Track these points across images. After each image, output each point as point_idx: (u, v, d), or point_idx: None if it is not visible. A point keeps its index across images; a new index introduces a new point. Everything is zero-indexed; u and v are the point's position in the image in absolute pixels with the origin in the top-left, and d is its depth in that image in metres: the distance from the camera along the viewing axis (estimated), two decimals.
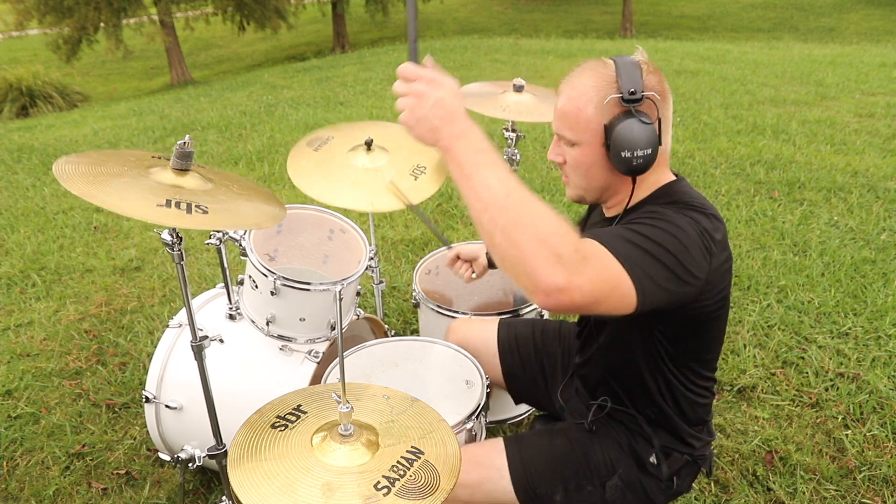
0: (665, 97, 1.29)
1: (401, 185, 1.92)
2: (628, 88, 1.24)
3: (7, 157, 6.24)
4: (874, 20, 18.81)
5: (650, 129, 1.24)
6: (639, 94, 1.23)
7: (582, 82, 1.30)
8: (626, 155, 1.25)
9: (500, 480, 1.47)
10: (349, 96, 8.01)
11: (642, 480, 1.45)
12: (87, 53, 14.87)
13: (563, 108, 1.33)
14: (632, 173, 1.28)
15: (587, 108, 1.29)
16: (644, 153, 1.24)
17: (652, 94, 1.25)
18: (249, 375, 1.96)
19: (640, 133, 1.23)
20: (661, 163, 1.33)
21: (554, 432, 1.55)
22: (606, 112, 1.27)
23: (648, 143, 1.24)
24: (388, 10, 18.79)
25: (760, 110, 6.27)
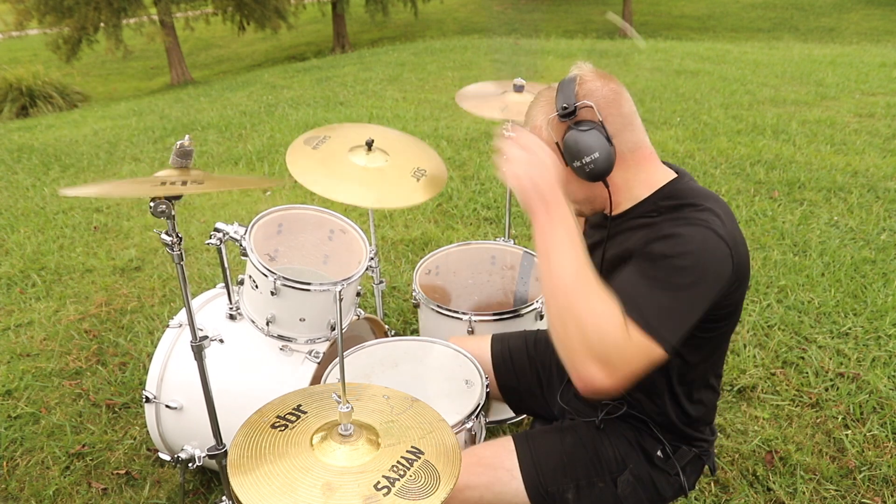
0: (611, 98, 1.31)
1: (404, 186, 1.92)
2: (561, 104, 1.30)
3: (7, 157, 6.24)
4: (874, 20, 18.81)
5: (590, 134, 1.28)
6: (571, 106, 1.29)
7: (533, 112, 1.40)
8: (577, 164, 1.31)
9: (510, 481, 1.47)
10: (349, 96, 8.01)
11: (652, 475, 1.46)
12: (87, 53, 14.87)
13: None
14: (595, 179, 1.32)
15: (542, 133, 1.36)
16: (593, 157, 1.28)
17: (584, 102, 1.29)
18: (249, 375, 1.96)
19: (581, 140, 1.28)
20: (640, 159, 1.35)
21: (563, 430, 1.55)
22: (555, 132, 1.34)
23: (592, 148, 1.28)
24: (388, 10, 18.79)
25: (760, 110, 6.27)
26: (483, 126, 5.77)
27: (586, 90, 1.31)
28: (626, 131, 1.32)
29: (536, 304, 2.14)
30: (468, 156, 5.15)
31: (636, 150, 1.34)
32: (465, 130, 5.82)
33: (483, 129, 5.74)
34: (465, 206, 4.20)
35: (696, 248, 1.22)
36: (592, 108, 1.29)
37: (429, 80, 8.78)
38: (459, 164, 4.98)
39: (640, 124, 1.36)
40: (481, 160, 5.02)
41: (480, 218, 4.07)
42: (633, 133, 1.34)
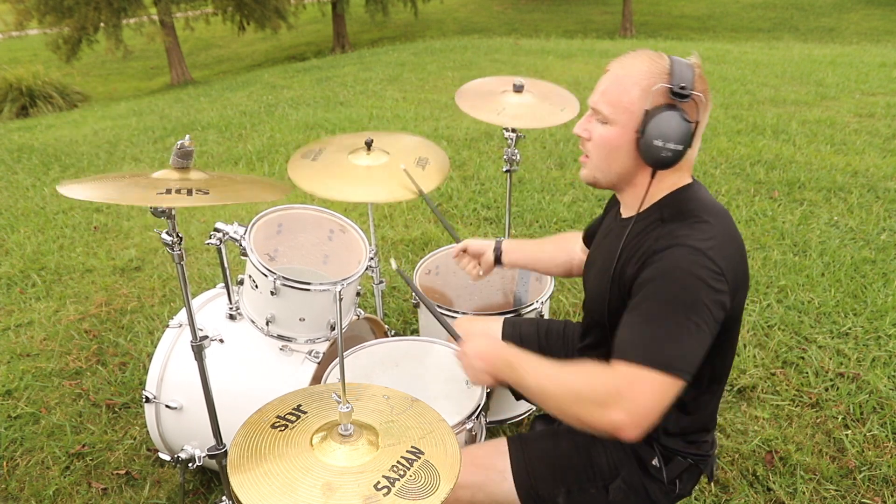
0: (707, 105, 1.32)
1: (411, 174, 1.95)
2: (679, 83, 1.26)
3: (7, 157, 6.24)
4: (874, 20, 18.80)
5: (688, 127, 1.27)
6: (688, 90, 1.26)
7: (635, 65, 1.32)
8: (657, 144, 1.27)
9: (502, 482, 1.47)
10: (349, 96, 8.01)
11: (645, 483, 1.45)
12: (87, 53, 14.86)
13: (608, 85, 1.35)
14: (656, 165, 1.30)
15: (633, 90, 1.30)
16: (675, 148, 1.27)
17: (698, 96, 1.27)
18: (249, 375, 1.96)
19: (677, 127, 1.26)
20: (683, 166, 1.35)
21: (558, 434, 1.55)
22: (651, 99, 1.29)
23: (681, 139, 1.26)
24: (388, 10, 18.79)
25: (760, 110, 6.27)
26: (483, 126, 5.77)
27: (699, 85, 1.29)
28: (698, 139, 1.33)
29: (536, 304, 2.14)
30: (468, 156, 5.15)
31: (687, 159, 1.35)
32: (465, 130, 5.82)
33: (483, 129, 5.73)
34: (465, 206, 4.19)
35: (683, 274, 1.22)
36: (698, 104, 1.28)
37: (429, 80, 8.77)
38: (459, 164, 4.98)
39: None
40: (481, 160, 5.02)
41: (480, 218, 4.07)
42: (698, 143, 1.35)
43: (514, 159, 2.45)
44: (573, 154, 5.09)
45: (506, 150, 2.45)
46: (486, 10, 23.25)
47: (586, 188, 4.39)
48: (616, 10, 20.81)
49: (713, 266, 1.22)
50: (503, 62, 9.84)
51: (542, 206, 4.14)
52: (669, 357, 1.19)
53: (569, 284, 3.29)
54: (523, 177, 4.67)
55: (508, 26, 20.15)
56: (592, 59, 9.76)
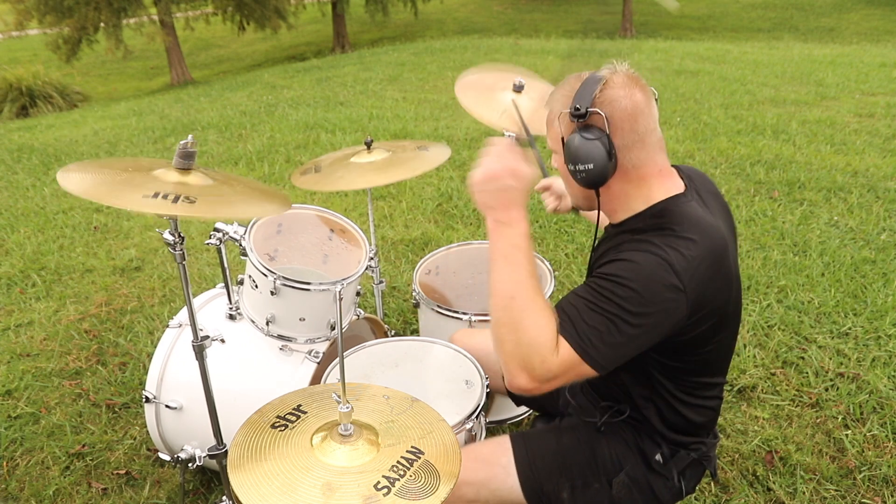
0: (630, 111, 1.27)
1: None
2: (575, 105, 1.27)
3: (7, 157, 6.24)
4: (874, 20, 18.81)
5: (591, 143, 1.25)
6: (583, 109, 1.26)
7: (554, 96, 1.36)
8: (571, 168, 1.29)
9: (506, 478, 1.48)
10: (349, 96, 8.01)
11: (649, 478, 1.46)
12: (87, 53, 14.87)
13: (546, 119, 1.39)
14: (585, 186, 1.31)
15: (554, 122, 1.35)
16: (585, 167, 1.27)
17: (596, 110, 1.25)
18: (249, 375, 1.96)
19: (581, 147, 1.26)
20: (644, 176, 1.32)
21: (561, 430, 1.55)
22: (564, 126, 1.32)
23: (588, 157, 1.26)
24: (388, 10, 18.79)
25: (760, 110, 6.27)
26: (483, 127, 5.76)
27: (607, 97, 1.26)
28: (634, 148, 1.29)
29: None
30: (468, 156, 5.15)
31: (641, 167, 1.31)
32: (465, 130, 5.82)
33: (483, 129, 5.73)
34: (465, 206, 4.19)
35: (643, 278, 1.21)
36: (602, 117, 1.25)
37: (429, 80, 8.78)
38: (459, 164, 4.98)
39: (654, 141, 1.31)
40: None
41: (480, 218, 4.07)
42: (642, 150, 1.30)
43: None
44: None
45: None
46: (486, 10, 23.26)
47: None
48: (616, 10, 20.81)
49: (676, 281, 1.20)
50: (503, 62, 9.84)
51: (541, 206, 4.13)
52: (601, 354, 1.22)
53: (569, 284, 3.29)
54: None
55: (508, 26, 20.15)
56: (592, 60, 9.72)
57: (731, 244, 1.36)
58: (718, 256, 1.28)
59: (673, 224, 1.28)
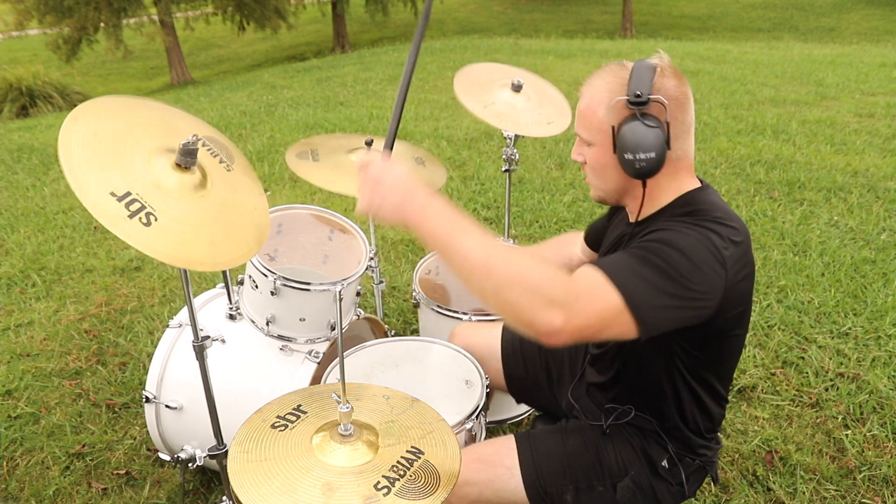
0: (682, 101, 1.28)
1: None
2: (634, 91, 1.24)
3: (7, 157, 6.24)
4: (874, 20, 18.81)
5: (654, 132, 1.24)
6: (644, 96, 1.24)
7: (597, 84, 1.32)
8: (628, 157, 1.26)
9: (509, 479, 1.47)
10: (349, 96, 8.01)
11: (653, 483, 1.46)
12: (87, 53, 14.86)
13: (581, 108, 1.35)
14: (637, 176, 1.29)
15: (599, 110, 1.31)
16: (647, 156, 1.24)
17: (658, 98, 1.24)
18: (249, 375, 1.96)
19: (643, 136, 1.24)
20: (679, 169, 1.33)
21: (567, 431, 1.55)
22: (615, 114, 1.28)
23: (651, 146, 1.24)
24: (388, 10, 18.79)
25: (760, 110, 6.27)
26: (483, 126, 5.77)
27: (662, 85, 1.26)
28: (681, 139, 1.30)
29: None
30: (468, 156, 5.15)
31: (682, 159, 1.32)
32: (465, 130, 5.82)
33: (483, 129, 5.73)
34: (465, 207, 4.20)
35: (685, 246, 1.18)
36: (665, 106, 1.25)
37: (429, 80, 8.78)
38: (459, 164, 4.98)
39: (693, 135, 1.33)
40: (481, 160, 5.02)
41: (480, 218, 4.07)
42: (686, 142, 1.32)
43: (513, 159, 2.45)
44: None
45: (505, 150, 2.45)
46: (486, 10, 23.26)
47: (586, 188, 4.39)
48: (616, 10, 20.82)
49: (719, 255, 1.20)
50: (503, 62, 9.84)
51: (542, 206, 4.15)
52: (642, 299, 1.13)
53: None
54: (523, 177, 4.67)
55: (508, 26, 20.15)
56: (592, 59, 9.76)
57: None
58: (748, 248, 1.28)
59: (702, 208, 1.28)
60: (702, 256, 1.19)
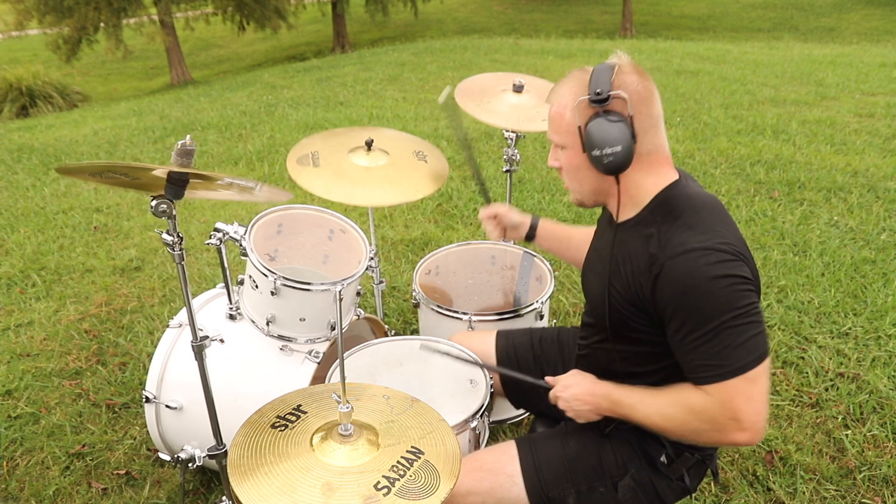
0: (644, 96, 1.30)
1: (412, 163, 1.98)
2: (595, 89, 1.28)
3: (7, 157, 6.24)
4: (874, 20, 18.80)
5: (617, 126, 1.27)
6: (605, 93, 1.27)
7: (562, 90, 1.37)
8: (596, 154, 1.29)
9: (512, 487, 1.47)
10: (349, 96, 8.00)
11: (654, 480, 1.46)
12: (87, 53, 14.86)
13: (550, 114, 1.40)
14: (608, 172, 1.31)
15: (566, 113, 1.35)
16: (613, 150, 1.27)
17: (618, 93, 1.27)
18: (250, 375, 1.96)
19: (607, 131, 1.27)
20: (654, 163, 1.35)
21: (567, 434, 1.55)
22: (580, 114, 1.32)
23: (616, 140, 1.27)
24: (388, 10, 18.79)
25: (760, 110, 6.27)
26: (483, 126, 5.77)
27: (622, 81, 1.29)
28: (650, 132, 1.32)
29: (536, 304, 2.14)
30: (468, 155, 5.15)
31: (653, 153, 1.34)
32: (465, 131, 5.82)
33: (483, 129, 5.73)
34: (465, 206, 4.19)
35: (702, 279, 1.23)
36: (625, 100, 1.27)
37: (429, 80, 8.77)
38: (459, 164, 4.97)
39: (663, 128, 1.35)
40: (481, 160, 5.02)
41: None
42: (655, 136, 1.33)
43: (514, 159, 2.45)
44: None
45: (505, 150, 2.45)
46: (486, 10, 23.25)
47: None
48: (616, 10, 20.81)
49: (725, 255, 1.23)
50: (503, 62, 9.84)
51: (542, 206, 4.14)
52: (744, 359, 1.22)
53: (568, 284, 3.29)
54: (523, 177, 4.67)
55: (508, 26, 20.15)
56: (592, 59, 9.76)
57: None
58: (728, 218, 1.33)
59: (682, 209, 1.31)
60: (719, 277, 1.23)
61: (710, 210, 1.31)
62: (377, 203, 2.01)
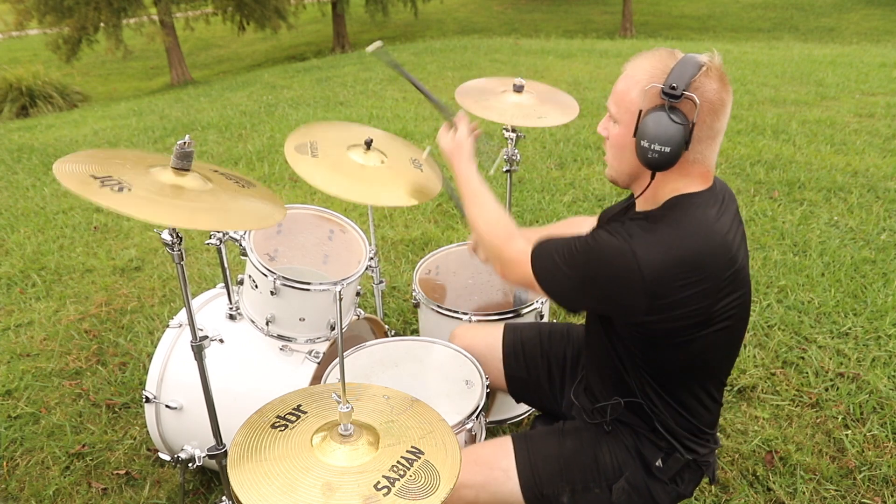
0: (716, 106, 1.25)
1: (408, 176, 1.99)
2: (671, 83, 1.23)
3: (7, 157, 6.24)
4: (874, 20, 18.80)
5: (676, 127, 1.22)
6: (679, 90, 1.22)
7: (641, 65, 1.31)
8: (644, 145, 1.25)
9: (506, 482, 1.47)
10: (349, 96, 8.00)
11: (648, 484, 1.45)
12: (87, 53, 14.86)
13: (617, 84, 1.35)
14: (648, 166, 1.28)
15: (633, 90, 1.30)
16: (661, 149, 1.23)
17: (692, 96, 1.22)
18: (249, 375, 1.96)
19: (664, 128, 1.23)
20: (692, 172, 1.31)
21: (564, 433, 1.55)
22: (646, 99, 1.28)
23: (669, 140, 1.23)
24: (388, 10, 18.79)
25: (760, 110, 6.27)
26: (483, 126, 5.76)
27: (702, 84, 1.24)
28: (704, 143, 1.28)
29: (536, 304, 2.14)
30: None
31: (698, 163, 1.30)
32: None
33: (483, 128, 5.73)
34: None
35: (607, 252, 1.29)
36: (694, 104, 1.23)
37: (429, 80, 8.77)
38: None
39: (719, 142, 1.31)
40: (481, 160, 5.02)
41: None
42: (708, 147, 1.29)
43: (514, 159, 2.45)
44: (573, 154, 5.09)
45: (505, 150, 2.45)
46: (486, 10, 23.25)
47: (586, 188, 4.39)
48: (616, 10, 20.81)
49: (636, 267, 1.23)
50: (503, 62, 9.83)
51: (542, 206, 4.14)
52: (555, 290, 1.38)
53: None
54: (523, 177, 4.67)
55: (508, 26, 20.15)
56: (592, 59, 9.76)
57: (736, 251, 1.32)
58: (704, 259, 1.25)
59: (668, 218, 1.29)
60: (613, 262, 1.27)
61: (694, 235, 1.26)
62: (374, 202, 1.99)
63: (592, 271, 1.30)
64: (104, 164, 1.34)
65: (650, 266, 1.22)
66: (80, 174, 1.27)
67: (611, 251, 1.26)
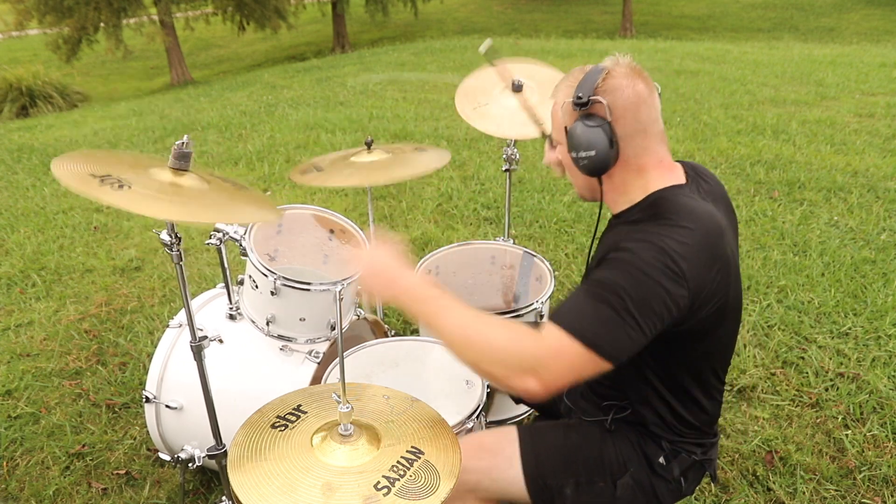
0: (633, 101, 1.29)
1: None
2: (577, 93, 1.29)
3: (7, 157, 6.24)
4: (874, 20, 18.80)
5: (594, 131, 1.28)
6: (585, 98, 1.28)
7: (559, 87, 1.39)
8: (574, 155, 1.32)
9: (508, 469, 1.48)
10: (349, 96, 8.01)
11: (653, 481, 1.46)
12: (87, 53, 14.86)
13: (551, 111, 1.42)
14: (586, 173, 1.33)
15: (558, 112, 1.38)
16: (587, 154, 1.29)
17: (598, 98, 1.28)
18: (249, 375, 1.96)
19: (583, 135, 1.29)
20: (643, 166, 1.34)
21: (569, 427, 1.56)
22: (567, 115, 1.35)
23: (591, 144, 1.29)
24: (388, 10, 18.80)
25: (760, 110, 6.27)
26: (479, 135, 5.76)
27: (609, 86, 1.29)
28: (636, 137, 1.31)
29: (536, 304, 2.14)
30: (468, 156, 5.15)
31: (642, 157, 1.33)
32: (465, 130, 5.82)
33: None
34: (465, 206, 4.19)
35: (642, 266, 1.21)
36: (604, 105, 1.28)
37: (429, 80, 8.77)
38: (459, 164, 4.98)
39: (656, 133, 1.34)
40: (481, 160, 5.02)
41: (480, 218, 4.07)
42: (643, 140, 1.32)
43: (513, 159, 2.45)
44: None
45: (505, 150, 2.45)
46: (486, 10, 23.25)
47: None
48: (616, 10, 20.81)
49: (675, 268, 1.21)
50: None
51: (542, 206, 4.14)
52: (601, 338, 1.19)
53: (568, 284, 3.29)
54: (523, 177, 4.67)
55: (508, 26, 20.15)
56: (592, 60, 9.73)
57: (728, 234, 1.35)
58: (714, 242, 1.28)
59: (667, 213, 1.29)
60: (654, 275, 1.20)
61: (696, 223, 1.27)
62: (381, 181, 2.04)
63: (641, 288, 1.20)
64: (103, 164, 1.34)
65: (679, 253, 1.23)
66: (80, 173, 1.28)
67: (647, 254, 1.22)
